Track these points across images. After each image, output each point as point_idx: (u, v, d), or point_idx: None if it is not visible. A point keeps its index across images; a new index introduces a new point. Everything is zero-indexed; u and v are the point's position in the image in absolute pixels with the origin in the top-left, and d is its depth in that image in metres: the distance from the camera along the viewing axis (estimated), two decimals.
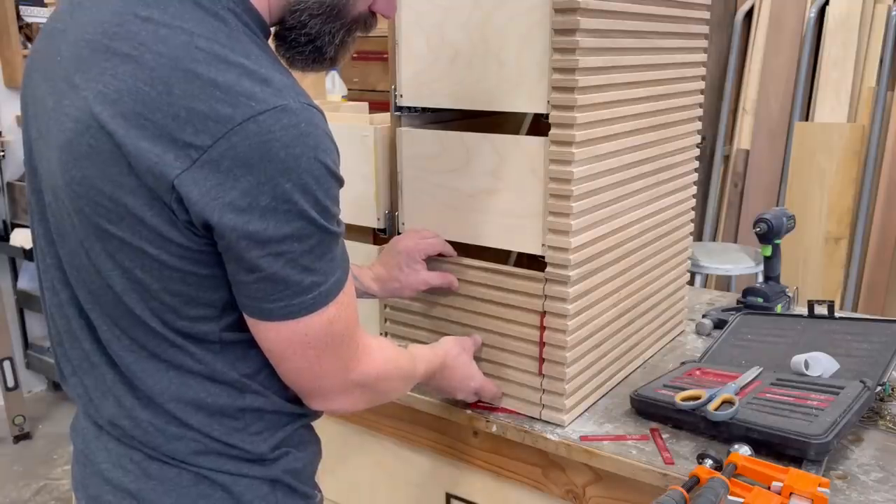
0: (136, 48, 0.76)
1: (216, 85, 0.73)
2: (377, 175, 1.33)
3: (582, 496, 1.20)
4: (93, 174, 0.77)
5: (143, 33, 0.76)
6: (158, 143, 0.73)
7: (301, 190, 0.76)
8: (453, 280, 1.25)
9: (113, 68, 0.76)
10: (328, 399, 0.90)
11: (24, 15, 3.55)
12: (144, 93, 0.74)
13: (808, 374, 1.23)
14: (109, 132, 0.75)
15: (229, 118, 0.73)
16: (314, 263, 0.80)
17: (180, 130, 0.73)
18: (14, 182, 3.50)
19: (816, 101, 3.24)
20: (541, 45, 1.09)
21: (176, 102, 0.73)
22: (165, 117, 0.73)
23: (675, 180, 1.42)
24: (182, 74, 0.74)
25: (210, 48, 0.75)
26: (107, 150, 0.75)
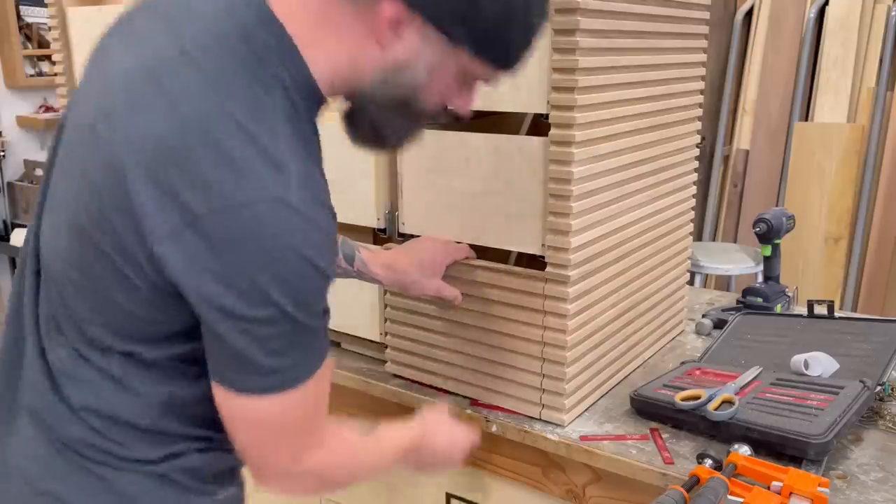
0: (174, 92, 0.75)
1: (231, 159, 0.72)
2: (377, 175, 1.33)
3: (582, 496, 1.20)
4: (103, 197, 0.77)
5: (185, 77, 0.75)
6: (161, 196, 0.73)
7: (280, 285, 0.74)
8: (458, 296, 1.25)
9: (149, 107, 0.75)
10: (269, 480, 0.86)
11: (25, 15, 3.55)
12: (169, 146, 0.73)
13: (807, 374, 1.24)
14: (125, 175, 0.74)
15: (230, 195, 0.72)
16: (283, 349, 0.77)
17: (184, 190, 0.72)
18: (14, 182, 3.50)
19: (816, 102, 3.24)
20: (541, 45, 1.09)
21: (192, 164, 0.72)
22: (177, 174, 0.72)
23: (675, 180, 1.42)
24: (206, 139, 0.73)
25: (240, 118, 0.74)
26: (119, 190, 0.75)
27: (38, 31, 3.60)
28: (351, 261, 1.20)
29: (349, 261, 1.20)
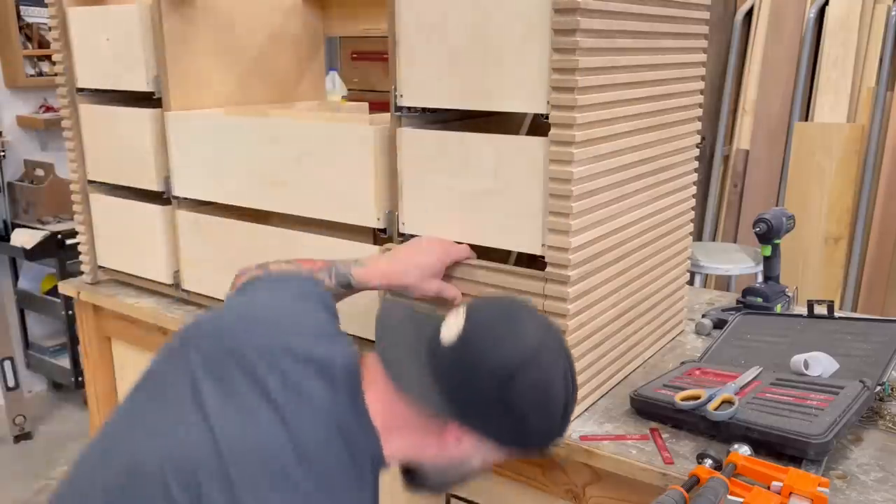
0: (282, 405, 0.89)
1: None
2: (377, 175, 1.33)
3: (582, 496, 1.20)
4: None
5: (295, 390, 0.90)
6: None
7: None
8: (459, 295, 1.26)
9: (251, 405, 0.89)
10: None
11: (25, 15, 3.55)
12: (267, 454, 0.85)
13: (807, 374, 1.24)
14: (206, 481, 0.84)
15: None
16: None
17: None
18: (14, 182, 3.50)
19: (816, 101, 3.24)
20: (541, 45, 1.09)
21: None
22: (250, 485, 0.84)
23: (675, 180, 1.42)
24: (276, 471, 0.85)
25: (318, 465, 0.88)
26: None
27: (38, 31, 3.60)
28: (347, 286, 1.22)
29: (344, 286, 1.22)
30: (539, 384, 0.92)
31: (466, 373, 0.92)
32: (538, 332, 0.95)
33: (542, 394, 0.93)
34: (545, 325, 0.98)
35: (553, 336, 0.97)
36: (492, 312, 0.96)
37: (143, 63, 1.62)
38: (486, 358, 0.91)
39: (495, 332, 0.93)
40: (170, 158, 1.65)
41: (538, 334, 0.95)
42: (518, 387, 0.91)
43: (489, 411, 0.92)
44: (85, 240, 1.89)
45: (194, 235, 1.66)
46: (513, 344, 0.92)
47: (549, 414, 0.94)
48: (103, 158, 1.80)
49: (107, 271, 1.90)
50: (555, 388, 0.94)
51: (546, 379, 0.93)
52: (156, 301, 1.79)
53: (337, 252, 1.41)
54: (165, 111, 1.63)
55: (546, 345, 0.95)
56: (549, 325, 0.99)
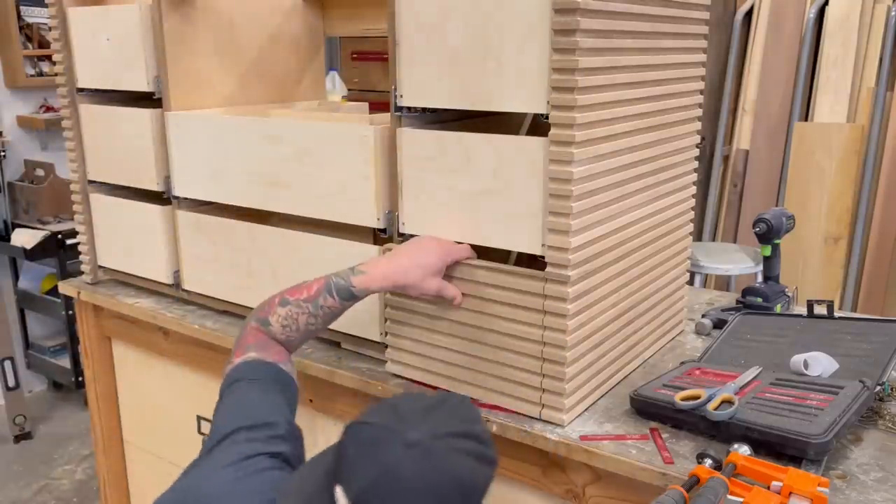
0: None
1: None
2: (377, 175, 1.33)
3: (582, 496, 1.21)
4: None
5: None
6: None
7: None
8: (459, 295, 1.26)
9: None
10: None
11: (25, 15, 3.55)
12: None
13: (807, 374, 1.24)
14: None
15: None
16: None
17: None
18: (14, 182, 3.50)
19: (816, 101, 3.24)
20: (541, 45, 1.09)
21: None
22: None
23: (675, 180, 1.42)
24: None
25: None
26: None
27: (38, 31, 3.60)
28: (350, 297, 1.22)
29: (347, 298, 1.22)
30: (450, 501, 0.86)
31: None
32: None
33: (461, 499, 0.86)
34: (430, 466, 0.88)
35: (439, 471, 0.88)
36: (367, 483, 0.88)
37: (144, 63, 1.62)
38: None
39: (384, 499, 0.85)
40: (170, 158, 1.65)
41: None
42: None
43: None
44: (85, 240, 1.89)
45: (194, 235, 1.66)
46: (403, 498, 0.85)
47: (480, 491, 0.89)
48: (103, 158, 1.80)
49: (107, 271, 1.90)
50: (466, 483, 0.87)
51: (451, 490, 0.86)
52: (156, 301, 1.79)
53: (337, 252, 1.42)
54: (165, 111, 1.63)
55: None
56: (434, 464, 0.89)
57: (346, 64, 3.82)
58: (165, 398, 1.85)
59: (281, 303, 1.22)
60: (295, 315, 1.21)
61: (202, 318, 1.68)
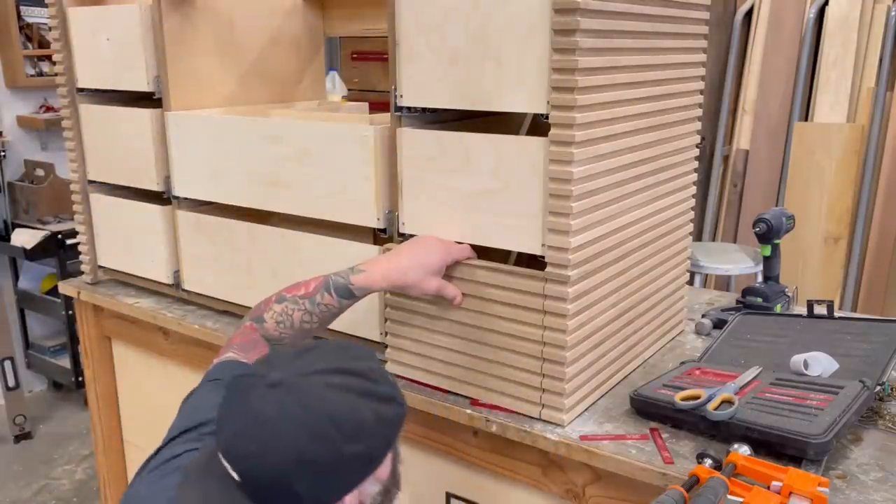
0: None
1: None
2: (377, 175, 1.33)
3: (581, 496, 1.21)
4: None
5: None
6: None
7: None
8: (459, 295, 1.26)
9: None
10: None
11: (25, 15, 3.55)
12: None
13: (807, 374, 1.24)
14: None
15: None
16: None
17: None
18: (14, 182, 3.50)
19: (816, 101, 3.24)
20: (541, 45, 1.09)
21: None
22: None
23: (675, 180, 1.42)
24: None
25: None
26: None
27: (38, 31, 3.60)
28: (349, 296, 1.22)
29: (347, 297, 1.22)
30: (324, 434, 0.85)
31: (277, 487, 0.85)
32: (276, 412, 0.86)
33: (338, 434, 0.86)
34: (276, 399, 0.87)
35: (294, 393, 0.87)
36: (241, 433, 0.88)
37: (144, 63, 1.62)
38: (266, 468, 0.84)
39: (253, 447, 0.85)
40: (170, 158, 1.65)
41: (276, 416, 0.86)
42: (313, 455, 0.84)
43: (322, 485, 0.87)
44: (85, 240, 1.89)
45: (194, 235, 1.66)
46: (273, 446, 0.84)
47: (363, 424, 0.88)
48: (103, 158, 1.80)
49: (107, 271, 1.90)
50: (340, 415, 0.86)
51: (322, 423, 0.85)
52: (156, 301, 1.79)
53: (337, 252, 1.42)
54: (165, 111, 1.63)
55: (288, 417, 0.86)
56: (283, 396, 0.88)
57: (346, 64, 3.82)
58: (165, 398, 1.85)
59: (277, 300, 1.22)
60: (290, 311, 1.21)
61: (202, 318, 1.68)
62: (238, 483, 0.86)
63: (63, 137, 1.87)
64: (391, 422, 0.92)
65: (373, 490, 0.94)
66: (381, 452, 0.91)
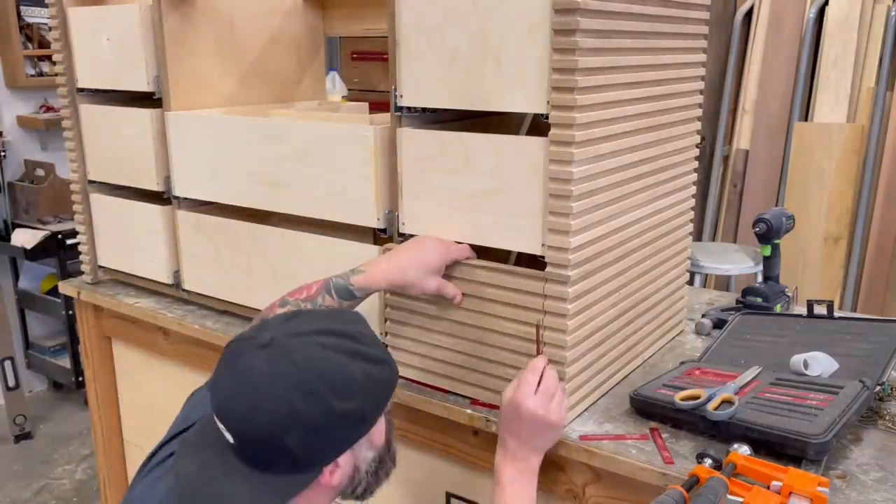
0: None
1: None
2: (377, 175, 1.33)
3: (581, 496, 1.21)
4: None
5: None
6: None
7: None
8: (459, 294, 1.26)
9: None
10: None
11: (25, 15, 3.55)
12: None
13: (807, 374, 1.24)
14: None
15: None
16: None
17: None
18: (14, 182, 3.50)
19: (816, 101, 3.24)
20: (541, 45, 1.09)
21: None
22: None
23: (675, 180, 1.42)
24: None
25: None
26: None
27: (38, 31, 3.60)
28: (350, 297, 1.22)
29: (348, 298, 1.22)
30: (314, 390, 0.87)
31: (270, 442, 0.87)
32: (265, 363, 0.89)
33: (328, 390, 0.88)
34: (270, 353, 0.90)
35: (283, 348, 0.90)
36: (229, 394, 0.91)
37: (144, 63, 1.62)
38: (258, 424, 0.87)
39: (245, 405, 0.88)
40: (170, 158, 1.65)
41: (265, 365, 0.88)
42: (303, 409, 0.87)
43: (314, 442, 0.89)
44: (85, 240, 1.89)
45: (194, 235, 1.66)
46: (264, 401, 0.87)
47: (353, 382, 0.90)
48: (103, 158, 1.80)
49: (107, 271, 1.90)
50: (330, 372, 0.89)
51: (312, 379, 0.88)
52: (156, 301, 1.79)
53: (337, 252, 1.42)
54: (165, 111, 1.63)
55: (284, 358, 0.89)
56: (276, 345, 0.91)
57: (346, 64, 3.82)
58: (165, 398, 1.85)
59: (281, 304, 1.22)
60: None
61: (202, 318, 1.68)
62: (233, 446, 0.89)
63: (63, 137, 1.87)
64: (382, 383, 0.95)
65: (368, 455, 0.97)
66: (372, 413, 0.94)
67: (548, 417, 1.11)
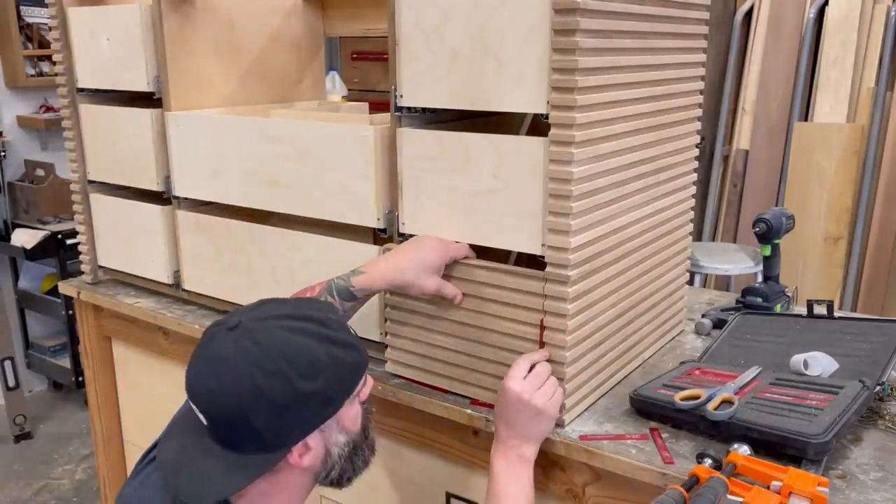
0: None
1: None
2: (377, 175, 1.33)
3: (581, 496, 1.21)
4: None
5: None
6: None
7: None
8: (459, 294, 1.26)
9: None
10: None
11: (25, 15, 3.55)
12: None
13: (807, 374, 1.24)
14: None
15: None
16: None
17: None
18: (14, 182, 3.50)
19: (815, 101, 3.24)
20: (541, 45, 1.09)
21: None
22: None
23: (675, 180, 1.42)
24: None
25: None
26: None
27: (38, 31, 3.60)
28: (351, 298, 1.23)
29: (349, 299, 1.23)
30: (277, 369, 0.91)
31: (237, 421, 0.91)
32: (230, 348, 0.93)
33: (290, 369, 0.91)
34: (235, 338, 0.94)
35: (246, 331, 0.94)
36: (198, 371, 0.95)
37: (144, 63, 1.62)
38: (224, 402, 0.91)
39: (212, 384, 0.92)
40: (170, 158, 1.65)
41: (230, 349, 0.93)
42: (266, 387, 0.90)
43: (280, 421, 0.92)
44: (85, 240, 1.89)
45: (194, 235, 1.66)
46: (228, 380, 0.91)
47: (317, 362, 0.93)
48: (103, 158, 1.80)
49: (107, 271, 1.90)
50: (293, 353, 0.92)
51: (275, 359, 0.91)
52: (156, 301, 1.79)
53: (337, 252, 1.42)
54: (165, 111, 1.63)
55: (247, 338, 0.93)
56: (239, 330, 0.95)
57: (346, 64, 3.82)
58: (165, 398, 1.85)
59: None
60: None
61: (202, 318, 1.68)
62: (207, 428, 0.94)
63: (63, 137, 1.87)
64: (348, 366, 0.98)
65: (339, 439, 1.00)
66: (338, 395, 0.97)
67: (532, 402, 1.12)
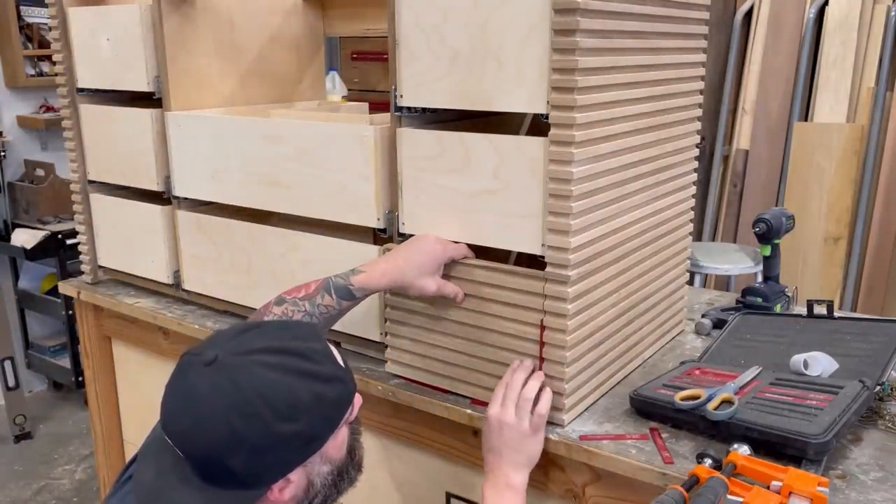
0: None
1: None
2: (377, 175, 1.33)
3: (581, 496, 1.21)
4: None
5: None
6: None
7: None
8: (460, 292, 1.26)
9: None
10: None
11: (25, 15, 3.55)
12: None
13: (807, 374, 1.24)
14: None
15: None
16: None
17: None
18: (14, 182, 3.50)
19: (815, 101, 3.24)
20: (541, 45, 1.09)
21: None
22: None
23: (675, 180, 1.42)
24: None
25: None
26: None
27: (38, 31, 3.60)
28: (350, 297, 1.22)
29: (347, 298, 1.22)
30: (254, 412, 0.86)
31: (213, 461, 0.87)
32: (207, 391, 0.88)
33: (269, 412, 0.87)
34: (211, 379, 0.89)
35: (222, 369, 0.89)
36: (174, 413, 0.91)
37: (144, 63, 1.63)
38: (199, 444, 0.87)
39: (186, 423, 0.88)
40: (170, 158, 1.65)
41: (208, 392, 0.88)
42: (244, 431, 0.86)
43: (258, 463, 0.88)
44: (85, 240, 1.89)
45: (194, 235, 1.66)
46: (204, 422, 0.87)
47: (298, 403, 0.89)
48: (103, 158, 1.80)
49: (107, 271, 1.90)
50: (272, 394, 0.88)
51: (252, 401, 0.87)
52: (156, 301, 1.79)
53: (337, 252, 1.42)
54: (165, 111, 1.63)
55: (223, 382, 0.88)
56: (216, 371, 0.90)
57: (346, 64, 3.82)
58: None
59: (277, 302, 1.22)
60: (290, 313, 1.21)
61: (202, 318, 1.68)
62: (183, 457, 0.89)
63: (63, 137, 1.87)
64: (333, 402, 0.93)
65: (322, 470, 0.96)
66: (322, 432, 0.93)
67: (511, 421, 1.13)
